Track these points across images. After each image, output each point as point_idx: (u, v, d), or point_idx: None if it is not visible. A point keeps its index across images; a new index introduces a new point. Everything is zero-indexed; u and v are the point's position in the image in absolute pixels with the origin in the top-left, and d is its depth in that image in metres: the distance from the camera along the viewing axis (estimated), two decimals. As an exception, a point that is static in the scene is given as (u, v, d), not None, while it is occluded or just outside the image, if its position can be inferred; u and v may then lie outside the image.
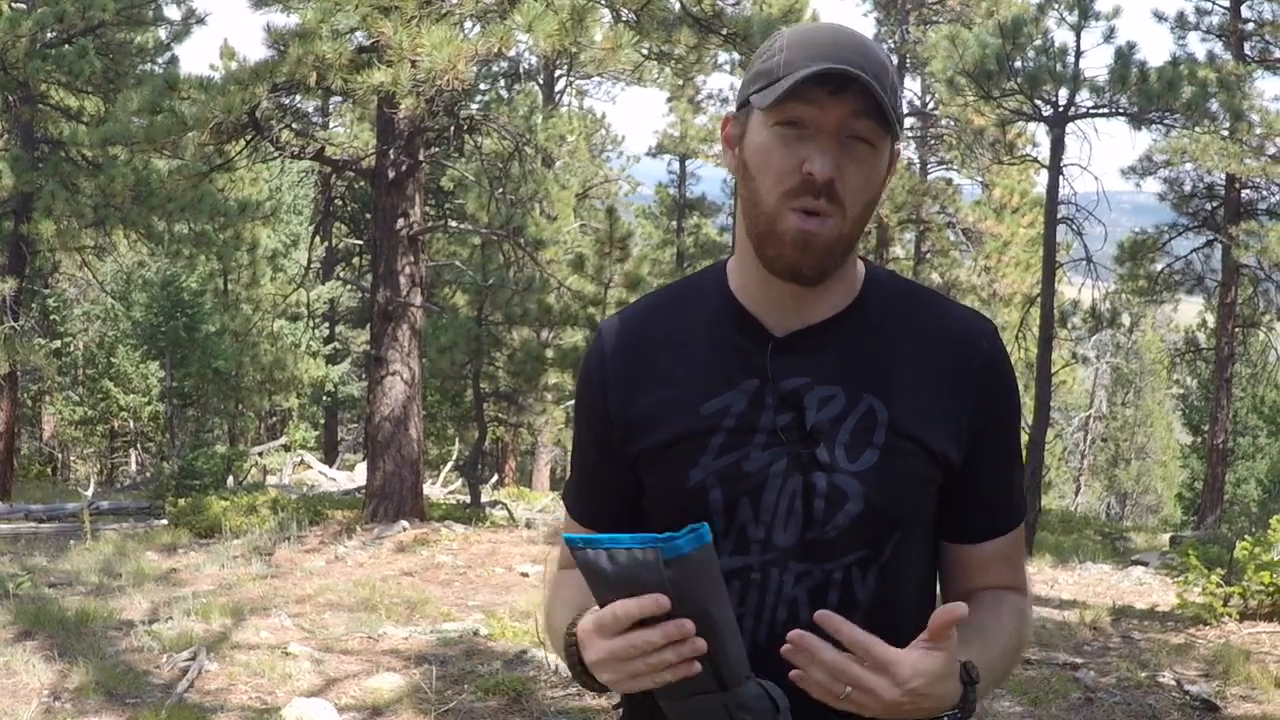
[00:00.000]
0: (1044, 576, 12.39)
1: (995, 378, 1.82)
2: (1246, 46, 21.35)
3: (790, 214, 1.68)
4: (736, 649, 1.56)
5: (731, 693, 1.56)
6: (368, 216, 24.65)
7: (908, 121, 26.58)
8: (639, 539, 1.50)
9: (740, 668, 1.56)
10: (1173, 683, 7.31)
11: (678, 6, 12.76)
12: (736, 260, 1.85)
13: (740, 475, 1.75)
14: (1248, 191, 21.84)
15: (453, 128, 14.38)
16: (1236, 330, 22.58)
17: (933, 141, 28.39)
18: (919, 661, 1.58)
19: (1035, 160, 23.38)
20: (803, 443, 1.75)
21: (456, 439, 27.13)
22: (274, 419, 33.48)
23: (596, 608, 1.60)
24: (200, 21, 20.54)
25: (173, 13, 20.73)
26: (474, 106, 17.34)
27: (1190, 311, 29.59)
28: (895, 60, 25.89)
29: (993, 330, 1.85)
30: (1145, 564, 12.43)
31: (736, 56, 17.24)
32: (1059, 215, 20.09)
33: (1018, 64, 18.63)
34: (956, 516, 1.86)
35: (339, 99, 22.47)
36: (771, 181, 1.69)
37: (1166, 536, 17.04)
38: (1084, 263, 21.39)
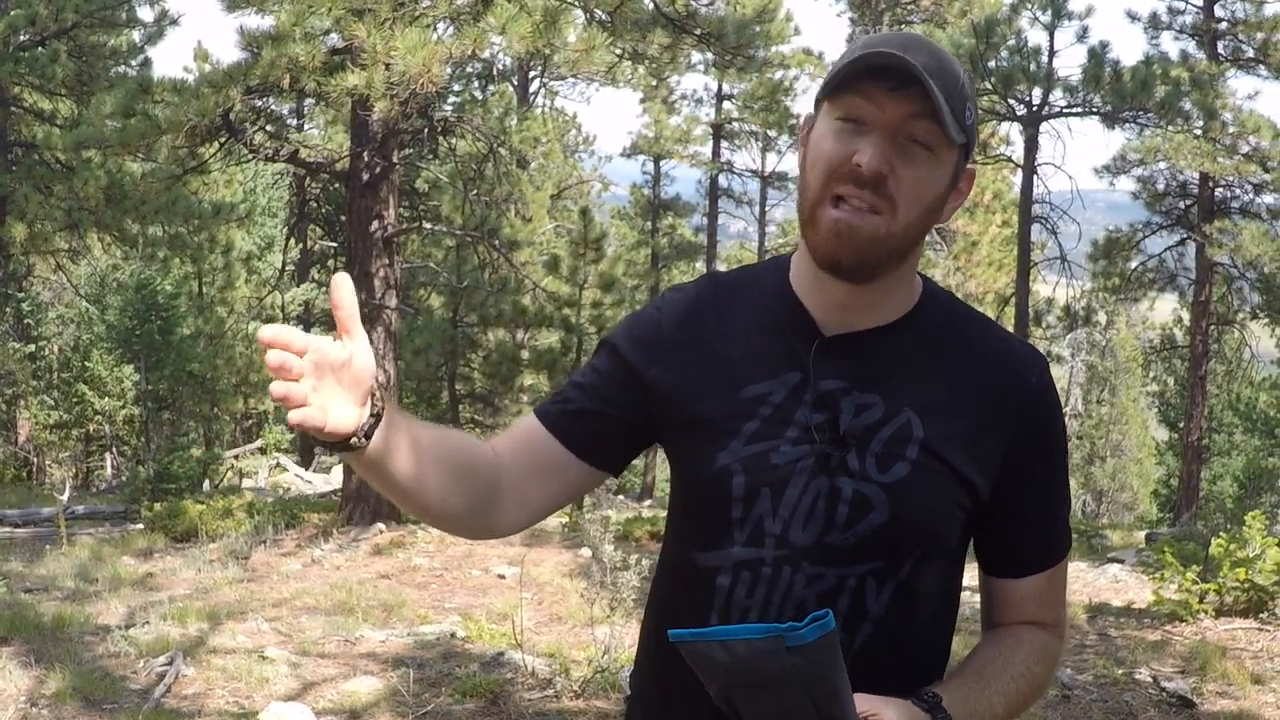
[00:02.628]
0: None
1: (1038, 411, 1.80)
2: (1220, 45, 21.46)
3: (829, 205, 1.68)
4: None
5: None
6: (342, 219, 24.56)
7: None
8: (757, 629, 1.48)
9: None
10: (1149, 679, 7.34)
11: (651, 7, 12.73)
12: (797, 254, 1.84)
13: (767, 466, 1.75)
14: (1221, 190, 21.95)
15: (427, 130, 14.37)
16: (1211, 328, 22.70)
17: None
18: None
19: (1009, 159, 23.47)
20: (834, 445, 1.74)
21: (433, 441, 27.00)
22: (249, 422, 33.29)
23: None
24: (174, 23, 20.51)
25: (146, 14, 20.67)
26: (448, 108, 17.37)
27: (1165, 309, 29.71)
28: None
29: (1043, 365, 1.83)
30: (1121, 561, 12.43)
31: (710, 56, 17.23)
32: (1033, 214, 20.22)
33: (991, 64, 18.74)
34: (993, 550, 1.86)
35: (313, 101, 22.47)
36: (820, 170, 1.69)
37: (1142, 534, 17.06)
38: (1058, 261, 21.55)
